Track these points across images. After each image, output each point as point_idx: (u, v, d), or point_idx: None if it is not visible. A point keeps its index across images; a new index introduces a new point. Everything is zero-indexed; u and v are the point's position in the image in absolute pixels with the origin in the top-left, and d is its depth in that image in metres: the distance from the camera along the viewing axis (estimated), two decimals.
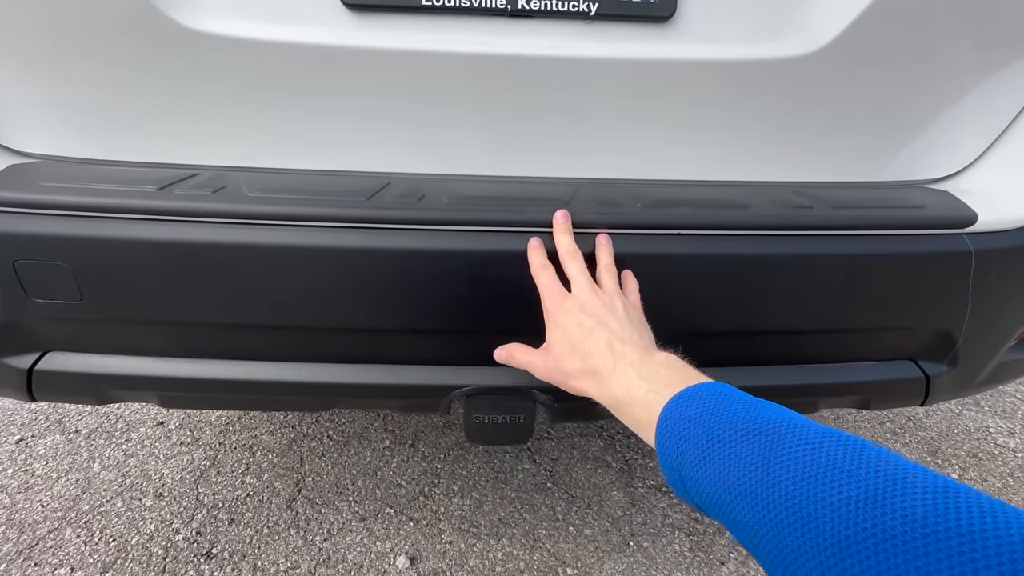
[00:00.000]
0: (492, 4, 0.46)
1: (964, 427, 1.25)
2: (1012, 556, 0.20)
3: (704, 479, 0.32)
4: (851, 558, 0.23)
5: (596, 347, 0.42)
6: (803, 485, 0.27)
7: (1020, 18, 0.52)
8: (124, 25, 0.46)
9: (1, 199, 0.46)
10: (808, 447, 0.28)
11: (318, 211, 0.46)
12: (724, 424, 0.33)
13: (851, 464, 0.26)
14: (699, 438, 0.33)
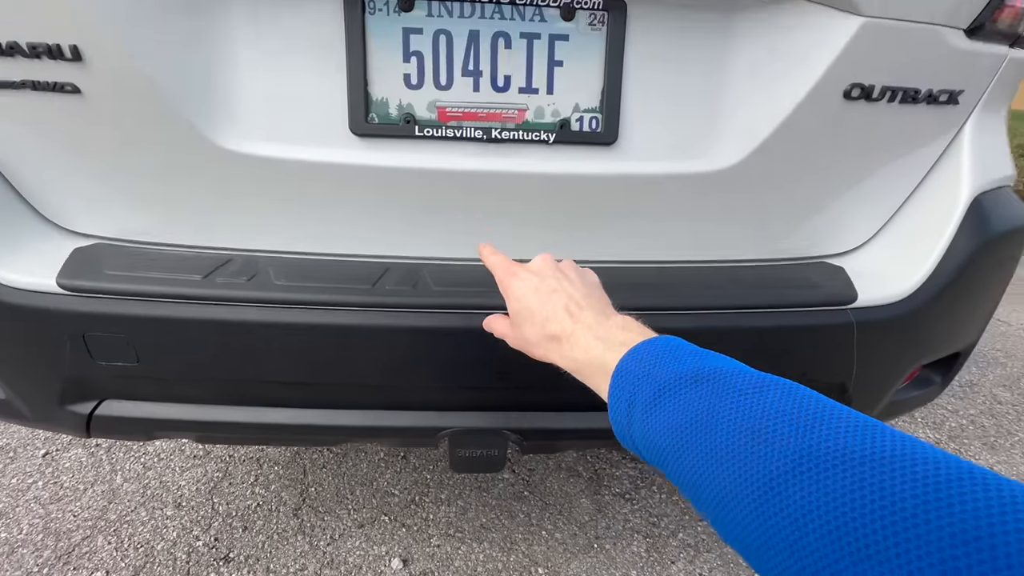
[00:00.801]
0: (472, 134, 0.59)
1: None
2: (924, 476, 0.22)
3: (652, 428, 0.32)
4: (781, 487, 0.24)
5: (554, 312, 0.42)
6: (742, 428, 0.27)
7: (895, 132, 0.66)
8: (178, 145, 0.57)
9: (75, 286, 0.58)
10: (751, 393, 0.29)
11: (332, 298, 0.58)
12: (674, 374, 0.33)
13: (786, 405, 0.28)
14: (649, 388, 0.33)
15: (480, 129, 0.59)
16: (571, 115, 0.59)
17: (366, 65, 0.56)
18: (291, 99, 0.58)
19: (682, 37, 0.58)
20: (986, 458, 1.38)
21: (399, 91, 0.57)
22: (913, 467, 0.22)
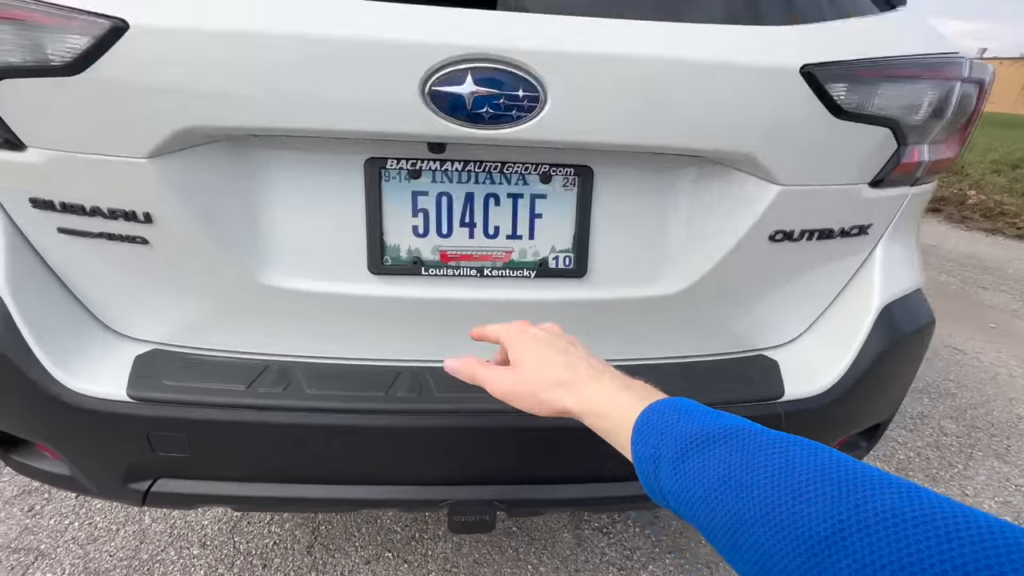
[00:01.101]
0: (468, 272, 0.72)
1: None
2: (981, 540, 0.22)
3: (682, 483, 0.33)
4: (828, 549, 0.25)
5: (575, 361, 0.45)
6: (778, 486, 0.28)
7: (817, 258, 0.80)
8: (226, 282, 0.70)
9: (143, 397, 0.71)
10: (780, 450, 0.30)
11: (354, 406, 0.72)
12: (699, 430, 0.34)
13: (819, 464, 0.28)
14: (674, 443, 0.34)
15: (475, 268, 0.72)
16: (548, 255, 0.73)
17: (382, 219, 0.69)
18: (320, 245, 0.71)
19: (637, 194, 0.72)
20: None
21: (409, 239, 0.71)
22: (968, 530, 0.22)
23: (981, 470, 1.64)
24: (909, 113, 0.71)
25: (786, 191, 0.70)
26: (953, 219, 4.94)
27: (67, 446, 0.78)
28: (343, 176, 0.67)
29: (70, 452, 0.78)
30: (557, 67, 0.58)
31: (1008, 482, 1.60)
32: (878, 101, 0.68)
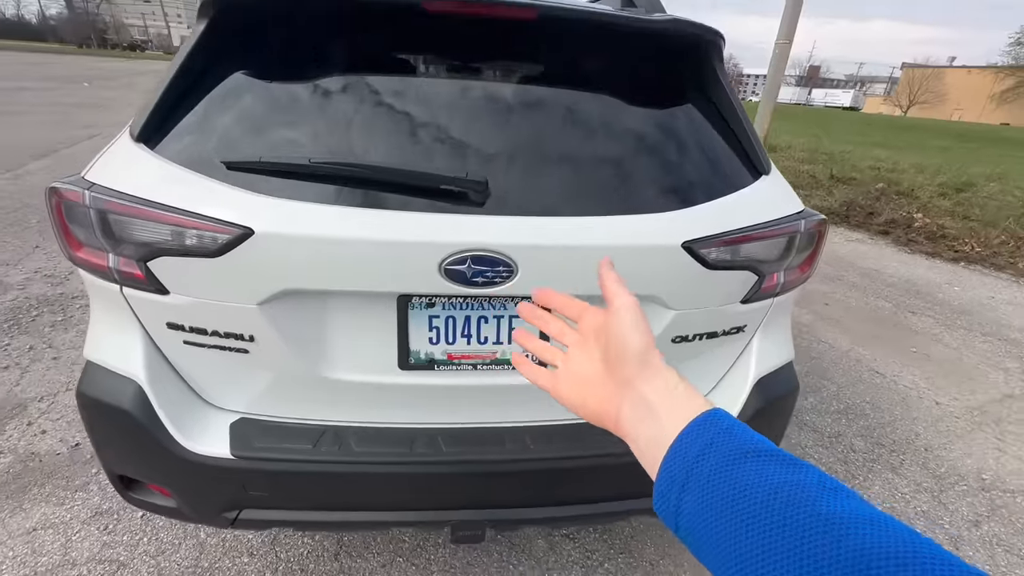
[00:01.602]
0: (466, 367, 1.05)
1: None
2: None
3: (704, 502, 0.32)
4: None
5: (653, 343, 0.42)
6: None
7: (708, 351, 1.15)
8: (298, 377, 1.03)
9: (242, 455, 1.02)
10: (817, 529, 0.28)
11: (386, 458, 1.05)
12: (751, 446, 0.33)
13: None
14: (719, 458, 0.33)
15: (471, 364, 1.06)
16: None
17: (408, 334, 1.02)
18: (366, 351, 1.03)
19: None
20: None
21: (426, 346, 1.04)
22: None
23: (877, 481, 2.03)
24: (763, 259, 1.07)
25: (679, 313, 1.05)
26: (900, 242, 5.42)
27: (179, 487, 1.09)
28: (382, 307, 1.00)
29: (181, 491, 1.10)
30: (523, 254, 0.92)
31: (896, 491, 1.98)
32: (738, 256, 1.04)
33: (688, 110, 1.14)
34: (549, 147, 1.02)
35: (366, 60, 1.05)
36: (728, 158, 1.12)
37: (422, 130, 0.98)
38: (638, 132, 1.09)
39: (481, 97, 1.05)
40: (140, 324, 1.01)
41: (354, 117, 0.98)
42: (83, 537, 1.54)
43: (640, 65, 1.13)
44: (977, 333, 3.41)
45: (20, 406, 2.07)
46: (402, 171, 0.93)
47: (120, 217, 0.91)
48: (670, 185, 1.05)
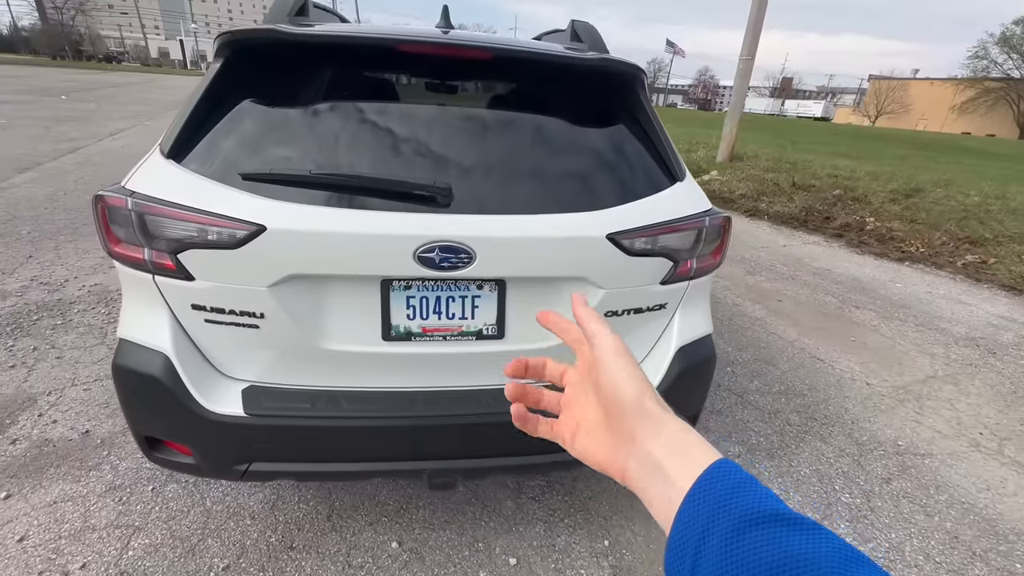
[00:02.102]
0: (437, 338, 1.29)
1: None
2: None
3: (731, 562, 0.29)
4: None
5: (647, 385, 0.39)
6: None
7: (638, 324, 1.41)
8: (300, 348, 1.26)
9: (254, 414, 1.24)
10: None
11: (373, 415, 1.28)
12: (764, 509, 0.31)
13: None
14: (736, 515, 0.31)
15: (441, 336, 1.30)
16: (482, 327, 1.31)
17: (389, 311, 1.26)
18: (356, 326, 1.27)
19: (530, 294, 1.31)
20: (765, 463, 2.19)
21: (404, 321, 1.28)
22: None
23: (807, 448, 2.31)
24: (676, 248, 1.34)
25: (608, 292, 1.31)
26: (852, 244, 5.82)
27: (198, 445, 1.30)
28: (369, 289, 1.24)
29: (200, 448, 1.31)
30: (480, 244, 1.17)
31: (822, 456, 2.27)
32: (655, 246, 1.31)
33: (618, 128, 1.42)
34: (502, 159, 1.28)
35: (352, 90, 1.31)
36: (649, 167, 1.39)
37: (398, 145, 1.24)
38: (575, 146, 1.36)
39: (446, 119, 1.31)
40: (168, 306, 1.23)
41: (343, 135, 1.23)
42: (100, 507, 1.73)
43: (577, 92, 1.40)
44: (911, 324, 3.76)
45: (30, 400, 2.24)
46: (383, 179, 1.18)
47: (156, 218, 1.14)
48: (600, 189, 1.32)
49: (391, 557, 1.63)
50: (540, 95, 1.39)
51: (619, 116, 1.42)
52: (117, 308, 3.11)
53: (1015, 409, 2.74)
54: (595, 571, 1.65)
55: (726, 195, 7.66)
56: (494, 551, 1.69)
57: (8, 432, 2.04)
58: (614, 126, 1.41)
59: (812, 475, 2.15)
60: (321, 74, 1.30)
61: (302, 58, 1.30)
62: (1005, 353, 3.39)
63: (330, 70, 1.31)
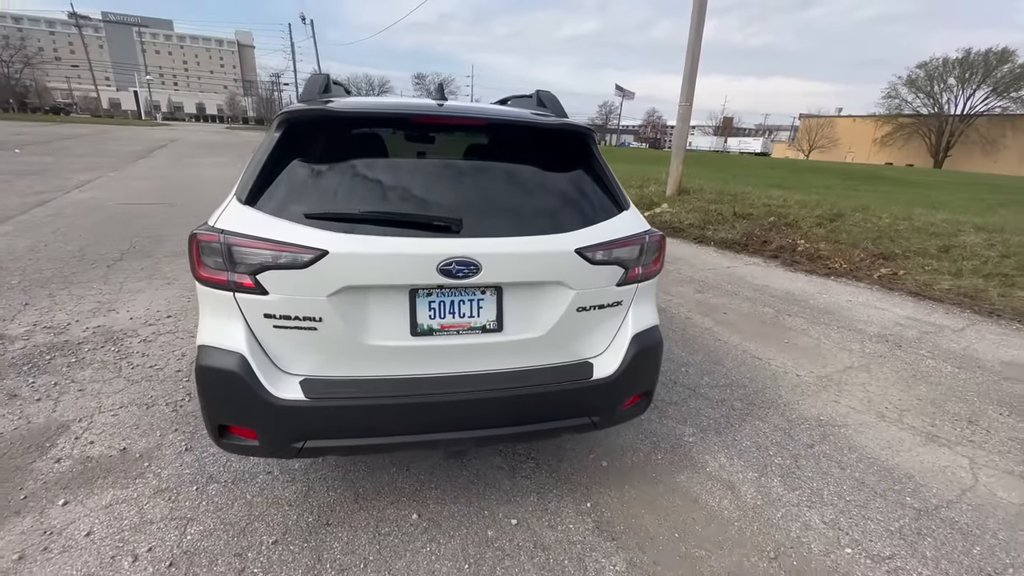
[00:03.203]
0: (452, 333, 1.70)
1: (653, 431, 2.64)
2: None
3: None
4: None
5: None
6: None
7: (602, 318, 1.86)
8: (350, 344, 1.63)
9: (313, 398, 1.60)
10: None
11: (405, 396, 1.65)
12: None
13: None
14: None
15: (456, 331, 1.71)
16: (486, 323, 1.73)
17: (415, 313, 1.67)
18: (390, 325, 1.66)
19: (522, 298, 1.75)
20: (714, 439, 2.64)
21: (427, 320, 1.68)
22: None
23: (747, 425, 2.78)
24: (625, 259, 1.81)
25: (578, 292, 1.76)
26: (786, 263, 6.58)
27: (264, 428, 1.64)
28: (400, 296, 1.64)
29: (264, 430, 1.64)
30: (485, 259, 1.60)
31: (760, 430, 2.73)
32: (610, 257, 1.78)
33: (578, 172, 1.91)
34: (497, 197, 1.75)
35: (382, 147, 1.75)
36: (602, 200, 1.89)
37: (419, 188, 1.68)
38: (548, 185, 1.84)
39: (455, 167, 1.77)
40: (243, 316, 1.59)
41: (379, 181, 1.66)
42: (152, 506, 1.98)
43: (547, 147, 1.90)
44: (835, 327, 4.39)
45: (63, 426, 2.46)
46: (411, 214, 1.61)
47: (240, 248, 1.53)
48: (568, 217, 1.79)
49: (413, 526, 1.96)
50: (520, 149, 1.87)
51: (579, 163, 1.92)
52: (126, 345, 3.34)
53: (913, 388, 3.33)
54: (581, 525, 2.02)
55: (676, 225, 8.43)
56: (497, 516, 2.04)
57: (50, 453, 2.26)
58: (575, 170, 1.91)
59: (752, 446, 2.61)
60: (359, 137, 1.74)
61: (340, 128, 1.74)
62: (908, 346, 4.04)
63: (366, 134, 1.75)
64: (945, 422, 2.92)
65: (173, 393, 2.82)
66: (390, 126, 1.79)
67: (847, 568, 1.86)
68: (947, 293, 5.31)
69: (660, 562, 1.86)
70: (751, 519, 2.09)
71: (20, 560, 1.72)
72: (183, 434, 2.44)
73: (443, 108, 1.79)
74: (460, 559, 1.82)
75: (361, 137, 1.76)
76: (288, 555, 1.79)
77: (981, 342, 4.18)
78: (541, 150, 1.90)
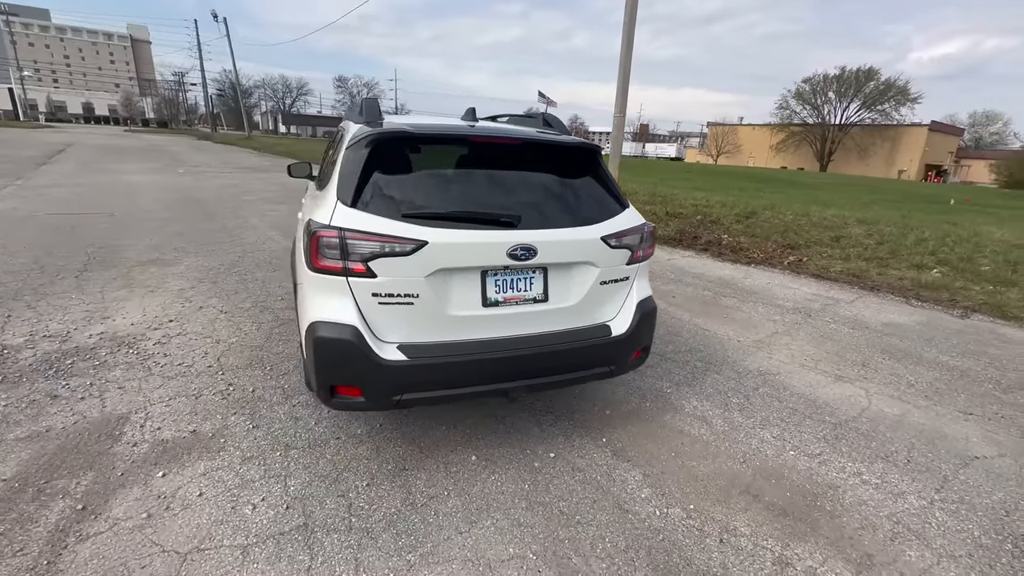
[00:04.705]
0: (513, 303, 2.21)
1: (645, 387, 3.30)
2: None
3: None
4: None
5: None
6: None
7: (617, 289, 2.46)
8: (438, 315, 2.09)
9: (413, 358, 2.04)
10: None
11: (480, 354, 2.14)
12: None
13: None
14: None
15: (515, 301, 2.22)
16: (536, 296, 2.26)
17: (485, 289, 2.16)
18: (466, 298, 2.14)
19: (562, 276, 2.30)
20: (685, 389, 3.32)
21: (494, 295, 2.18)
22: None
23: (709, 379, 3.50)
24: (631, 244, 2.42)
25: (602, 269, 2.34)
26: (715, 255, 7.62)
27: (370, 385, 2.05)
28: (474, 276, 2.13)
29: (370, 387, 2.05)
30: (540, 246, 2.13)
31: (718, 382, 3.47)
32: (621, 243, 2.37)
33: (592, 179, 2.49)
34: (538, 198, 2.28)
35: (447, 160, 2.23)
36: (611, 200, 2.48)
37: (483, 192, 2.18)
38: (572, 190, 2.40)
39: (503, 176, 2.28)
40: (352, 296, 2.00)
41: (451, 186, 2.14)
42: (247, 469, 2.30)
43: (567, 159, 2.47)
44: (760, 304, 5.33)
45: (122, 418, 2.65)
46: (484, 212, 2.11)
47: (356, 242, 1.94)
48: (591, 213, 2.36)
49: (474, 464, 2.43)
50: (549, 161, 2.42)
51: (590, 171, 2.50)
52: (142, 348, 3.46)
53: (823, 345, 4.25)
54: (602, 454, 2.59)
55: None
56: (537, 452, 2.56)
57: (123, 439, 2.47)
58: (589, 177, 2.48)
59: (714, 392, 3.33)
60: (430, 151, 2.20)
61: (420, 143, 2.20)
62: (816, 315, 5.04)
63: (435, 149, 2.22)
64: (846, 367, 3.83)
65: (213, 385, 3.05)
66: (454, 143, 2.27)
67: (792, 463, 2.59)
68: (840, 274, 6.53)
69: (666, 472, 2.47)
70: (723, 439, 2.77)
71: (149, 518, 1.99)
72: (243, 416, 2.72)
73: (496, 129, 2.30)
74: (518, 481, 2.32)
75: (432, 151, 2.22)
76: (383, 492, 2.20)
77: (867, 310, 5.29)
78: (563, 162, 2.46)
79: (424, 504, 2.15)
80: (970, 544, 2.11)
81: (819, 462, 2.61)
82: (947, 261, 6.75)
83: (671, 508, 2.23)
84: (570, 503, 2.22)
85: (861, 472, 2.55)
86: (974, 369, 3.88)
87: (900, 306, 5.48)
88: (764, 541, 2.07)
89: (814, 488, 2.41)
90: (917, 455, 2.72)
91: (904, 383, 3.59)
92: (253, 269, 5.53)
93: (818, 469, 2.56)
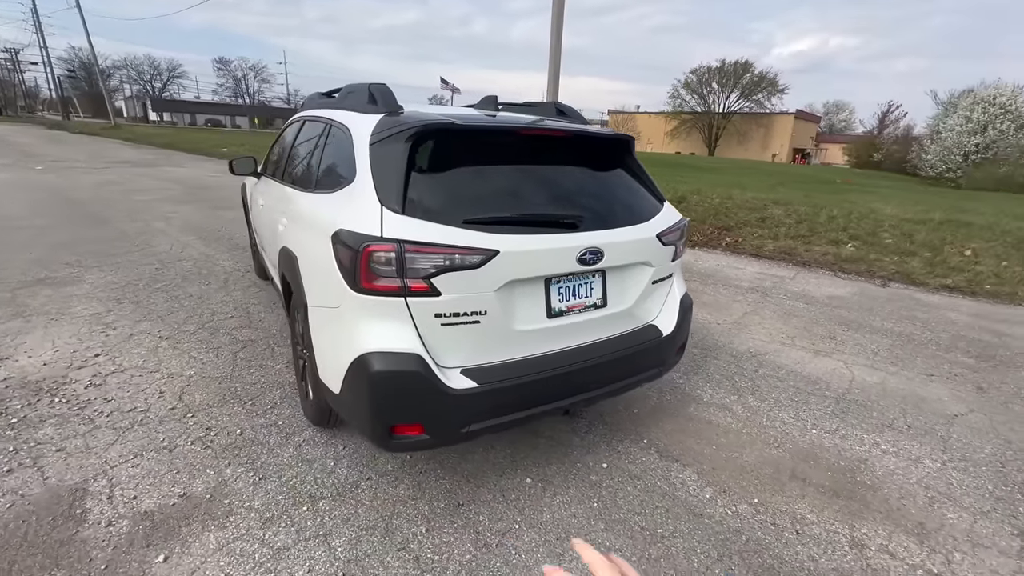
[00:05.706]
0: (576, 311, 2.03)
1: (679, 387, 3.29)
2: None
3: None
4: None
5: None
6: None
7: (667, 288, 2.37)
8: (505, 332, 1.85)
9: (484, 386, 1.78)
10: None
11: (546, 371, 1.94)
12: None
13: None
14: None
15: (578, 309, 2.04)
16: (596, 301, 2.10)
17: (550, 299, 1.95)
18: (531, 311, 1.92)
19: (619, 280, 2.15)
20: (694, 378, 3.36)
21: (558, 304, 1.98)
22: None
23: (710, 364, 3.58)
24: (675, 240, 2.34)
25: (655, 268, 2.23)
26: None
27: (435, 419, 1.77)
28: (538, 286, 1.91)
29: (433, 423, 1.77)
30: (606, 247, 1.97)
31: (719, 366, 3.55)
32: (669, 239, 2.28)
33: (630, 172, 2.36)
34: (597, 196, 2.10)
35: (496, 156, 1.97)
36: (651, 194, 2.37)
37: (540, 192, 1.97)
38: (618, 184, 2.26)
39: (553, 172, 2.08)
40: (412, 319, 1.70)
41: (511, 186, 1.90)
42: (274, 534, 1.90)
43: (610, 153, 2.31)
44: (720, 286, 5.61)
45: (77, 490, 2.08)
46: (550, 214, 1.90)
47: (416, 255, 1.64)
48: (640, 209, 2.23)
49: (531, 488, 2.24)
50: (591, 154, 2.25)
51: (625, 164, 2.37)
52: (71, 393, 2.78)
53: (789, 321, 4.56)
54: (650, 457, 2.52)
55: None
56: (589, 465, 2.42)
57: (90, 519, 1.94)
58: (627, 169, 2.35)
59: (721, 377, 3.40)
60: (478, 146, 1.93)
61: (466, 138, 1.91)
62: (770, 293, 5.41)
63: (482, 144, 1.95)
64: (818, 341, 4.13)
65: (186, 431, 2.52)
66: (502, 137, 2.01)
67: (819, 442, 2.70)
68: (773, 252, 7.09)
69: (716, 467, 2.46)
70: (750, 426, 2.83)
71: None
72: (240, 466, 2.27)
73: (542, 123, 2.08)
74: (584, 500, 2.17)
75: (476, 145, 1.95)
76: (448, 537, 1.94)
77: (808, 284, 5.79)
78: (604, 155, 2.30)
79: (499, 543, 1.93)
80: (991, 499, 2.33)
81: (840, 437, 2.75)
82: (857, 236, 7.61)
83: (738, 505, 2.21)
84: (644, 516, 2.11)
85: (878, 443, 2.73)
86: (916, 333, 4.38)
87: (832, 279, 6.07)
88: (832, 526, 2.12)
89: (847, 464, 2.53)
90: (912, 420, 2.97)
91: (870, 352, 3.95)
92: (181, 283, 4.73)
93: (842, 444, 2.70)
